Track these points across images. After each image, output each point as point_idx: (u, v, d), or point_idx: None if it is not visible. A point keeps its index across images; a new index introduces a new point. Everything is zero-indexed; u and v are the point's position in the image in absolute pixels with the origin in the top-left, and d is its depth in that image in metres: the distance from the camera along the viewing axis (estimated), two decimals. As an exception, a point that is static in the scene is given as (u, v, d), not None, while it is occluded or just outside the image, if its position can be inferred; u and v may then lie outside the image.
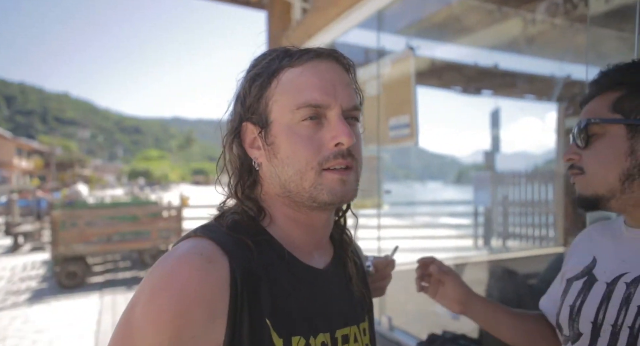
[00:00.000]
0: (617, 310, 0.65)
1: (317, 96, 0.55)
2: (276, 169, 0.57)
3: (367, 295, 0.70)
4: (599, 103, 0.71)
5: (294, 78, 0.57)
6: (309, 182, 0.56)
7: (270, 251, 0.57)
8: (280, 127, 0.57)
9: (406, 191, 7.76)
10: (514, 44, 3.36)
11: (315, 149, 0.55)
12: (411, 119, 2.01)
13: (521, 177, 4.33)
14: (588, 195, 0.71)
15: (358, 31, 2.45)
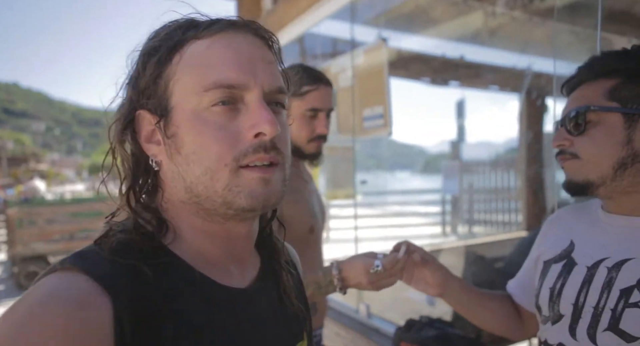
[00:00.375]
0: (598, 293, 0.68)
1: (230, 74, 0.44)
2: (179, 168, 0.46)
3: (304, 307, 0.60)
4: (592, 90, 0.70)
5: (201, 52, 0.45)
6: (221, 183, 0.44)
7: (175, 276, 0.45)
8: (184, 115, 0.45)
9: (376, 181, 7.91)
10: (479, 36, 3.46)
11: (230, 141, 0.44)
12: (385, 110, 2.04)
13: (485, 165, 4.52)
14: (579, 180, 0.71)
15: (330, 22, 2.44)
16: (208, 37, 0.46)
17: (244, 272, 0.52)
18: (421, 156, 26.25)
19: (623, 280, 0.65)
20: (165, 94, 0.46)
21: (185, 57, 0.46)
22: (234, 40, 0.46)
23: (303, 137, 1.16)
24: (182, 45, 0.46)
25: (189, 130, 0.45)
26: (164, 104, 0.46)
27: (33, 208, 5.89)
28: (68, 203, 6.72)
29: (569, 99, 0.75)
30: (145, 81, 0.46)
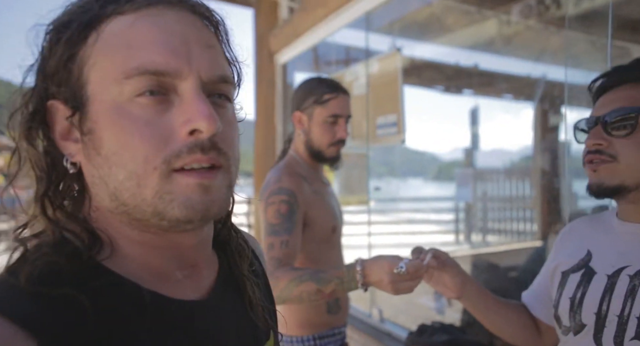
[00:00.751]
0: (622, 301, 0.67)
1: (158, 58, 0.36)
2: (100, 171, 0.37)
3: (270, 307, 0.53)
4: (637, 94, 0.69)
5: (123, 31, 0.37)
6: (150, 190, 0.36)
7: (119, 299, 0.36)
8: (102, 108, 0.37)
9: (389, 188, 7.88)
10: (492, 44, 3.48)
11: (159, 139, 0.36)
12: (398, 118, 2.07)
13: (499, 173, 4.49)
14: (613, 184, 0.69)
15: (345, 31, 2.49)
16: (132, 12, 0.37)
17: (199, 281, 0.44)
18: (434, 163, 26.07)
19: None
20: (79, 81, 0.37)
21: (103, 36, 0.37)
22: (164, 17, 0.38)
23: (325, 142, 1.23)
24: (100, 22, 0.37)
25: (109, 126, 0.36)
26: (79, 94, 0.37)
27: None
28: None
29: (604, 98, 0.73)
30: (54, 64, 0.38)
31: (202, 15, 0.40)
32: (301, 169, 1.24)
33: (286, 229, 1.08)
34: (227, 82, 0.40)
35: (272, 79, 3.04)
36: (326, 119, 1.22)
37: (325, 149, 1.24)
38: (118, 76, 0.36)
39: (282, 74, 3.05)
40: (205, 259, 0.46)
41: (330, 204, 1.27)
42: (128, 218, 0.38)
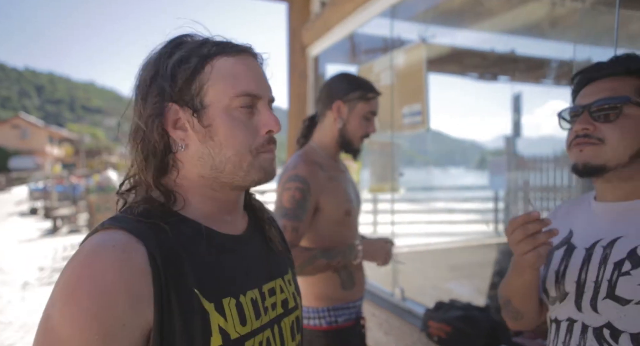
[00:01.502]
0: (597, 268, 0.77)
1: (253, 86, 0.60)
2: (212, 150, 0.59)
3: (287, 251, 0.77)
4: (624, 84, 0.75)
5: (230, 67, 0.59)
6: (247, 162, 0.60)
7: (187, 229, 0.58)
8: (218, 111, 0.59)
9: (425, 177, 7.81)
10: (531, 28, 3.38)
11: (251, 134, 0.60)
12: (423, 107, 2.14)
13: (543, 162, 4.35)
14: (596, 163, 0.76)
15: (375, 21, 2.56)
16: (233, 55, 0.60)
17: (237, 224, 0.67)
18: (476, 152, 24.92)
19: (616, 255, 0.75)
20: (200, 94, 0.59)
21: (217, 67, 0.59)
22: (249, 61, 0.62)
23: (359, 134, 1.37)
24: (212, 58, 0.59)
25: (223, 122, 0.59)
26: (199, 102, 0.59)
27: (109, 194, 6.61)
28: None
29: (589, 89, 0.80)
30: (180, 82, 0.58)
31: (259, 58, 0.66)
32: (318, 157, 1.35)
33: (298, 216, 1.23)
34: (273, 101, 0.66)
35: (305, 71, 3.17)
36: (366, 114, 1.36)
37: (356, 141, 1.38)
38: (230, 94, 0.59)
39: (314, 66, 3.17)
40: (240, 211, 0.70)
41: (345, 190, 1.38)
42: (212, 182, 0.62)
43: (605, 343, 0.75)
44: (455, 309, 1.64)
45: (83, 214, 9.93)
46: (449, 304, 1.71)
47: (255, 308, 0.61)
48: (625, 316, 0.72)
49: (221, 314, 0.56)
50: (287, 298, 0.69)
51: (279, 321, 0.65)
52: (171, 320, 0.51)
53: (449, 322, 1.56)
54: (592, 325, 0.77)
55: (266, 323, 0.62)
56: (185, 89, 0.59)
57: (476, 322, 1.53)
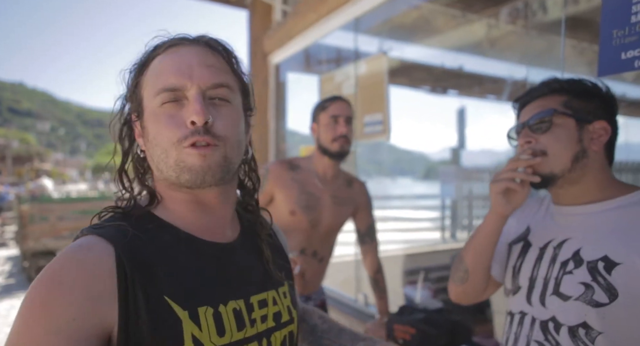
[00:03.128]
0: (547, 267, 0.86)
1: (171, 79, 0.57)
2: (150, 151, 0.59)
3: (286, 266, 0.73)
4: (551, 101, 0.87)
5: (156, 64, 0.59)
6: (172, 159, 0.57)
7: (164, 235, 0.58)
8: (148, 112, 0.59)
9: (377, 186, 8.04)
10: (478, 47, 3.63)
11: (175, 127, 0.56)
12: (384, 117, 2.22)
13: (485, 172, 4.67)
14: (545, 173, 0.84)
15: (336, 33, 2.63)
16: (162, 52, 0.59)
17: (223, 232, 0.63)
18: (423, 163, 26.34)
19: (563, 255, 0.83)
20: (139, 98, 0.60)
21: (149, 69, 0.59)
22: (178, 52, 0.58)
23: (329, 138, 1.51)
24: (150, 61, 0.60)
25: (151, 122, 0.58)
26: (139, 106, 0.60)
27: (44, 204, 6.07)
28: (76, 201, 6.91)
29: (526, 109, 0.92)
30: (130, 91, 0.61)
31: (211, 46, 0.61)
32: (301, 162, 1.58)
33: None
34: (222, 87, 0.59)
35: (266, 78, 3.17)
36: (328, 120, 1.50)
37: (329, 145, 1.50)
38: (152, 93, 0.58)
39: (275, 73, 3.17)
40: (230, 218, 0.66)
41: (300, 194, 1.52)
42: (168, 182, 0.60)
43: (549, 335, 0.82)
44: (417, 312, 1.69)
45: (10, 226, 9.03)
46: (411, 308, 1.77)
47: (238, 319, 0.58)
48: (565, 310, 0.80)
49: (195, 323, 0.53)
50: (281, 311, 0.66)
51: (269, 334, 0.62)
52: (138, 324, 0.50)
53: (413, 325, 1.60)
54: (539, 318, 0.84)
55: (252, 335, 0.60)
56: (133, 97, 0.61)
57: (438, 323, 1.59)
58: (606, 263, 0.76)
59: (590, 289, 0.77)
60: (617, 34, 1.03)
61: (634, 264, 0.73)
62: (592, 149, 0.84)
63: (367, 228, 1.69)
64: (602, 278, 0.76)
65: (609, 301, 0.74)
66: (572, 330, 0.78)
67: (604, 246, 0.78)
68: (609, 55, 1.05)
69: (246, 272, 0.63)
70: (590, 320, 0.76)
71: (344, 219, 1.63)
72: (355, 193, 1.65)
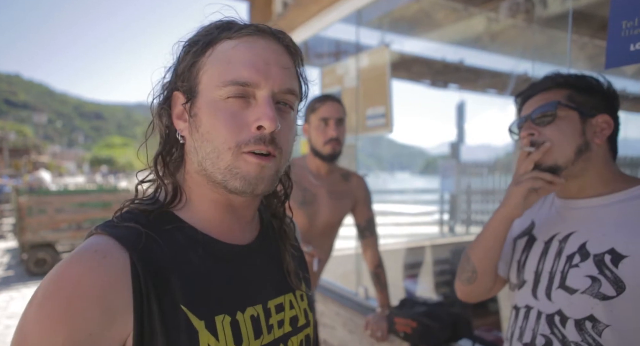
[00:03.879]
0: (552, 260, 0.85)
1: (245, 74, 0.51)
2: (196, 143, 0.54)
3: (303, 270, 0.69)
4: (554, 94, 0.87)
5: (227, 50, 0.53)
6: (224, 162, 0.52)
7: (182, 238, 0.54)
8: (205, 100, 0.53)
9: (376, 180, 8.03)
10: (479, 40, 3.61)
11: (236, 128, 0.51)
12: (386, 110, 2.21)
13: (483, 167, 4.67)
14: (549, 164, 0.84)
15: (337, 25, 2.60)
16: (237, 38, 0.53)
17: (244, 233, 0.60)
18: (421, 157, 26.33)
19: (568, 249, 0.83)
20: (196, 80, 0.53)
21: (215, 52, 0.53)
22: (256, 44, 0.53)
23: (320, 141, 1.50)
24: (216, 42, 0.53)
25: (207, 113, 0.52)
26: (194, 89, 0.53)
27: (42, 197, 6.06)
28: (74, 193, 6.89)
29: (528, 103, 0.91)
30: (182, 66, 0.54)
31: (286, 44, 0.56)
32: (296, 161, 1.57)
33: None
34: (292, 94, 0.55)
35: (266, 70, 3.13)
36: (318, 122, 1.49)
37: (321, 148, 1.49)
38: (218, 82, 0.52)
39: (276, 66, 3.13)
40: (252, 220, 0.62)
41: (300, 192, 1.52)
42: (206, 180, 0.55)
43: (555, 328, 0.82)
44: (419, 305, 1.70)
45: (8, 218, 9.00)
46: (412, 301, 1.77)
47: (255, 326, 0.56)
48: (572, 304, 0.79)
49: (212, 333, 0.51)
50: (298, 314, 0.63)
51: (286, 340, 0.60)
52: (153, 336, 0.48)
53: (414, 318, 1.61)
54: (545, 312, 0.84)
55: (269, 342, 0.57)
56: (187, 75, 0.54)
57: (439, 316, 1.60)
58: (613, 255, 0.76)
59: (597, 282, 0.76)
60: (626, 25, 1.02)
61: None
62: (595, 142, 0.84)
63: (367, 222, 1.69)
64: (609, 271, 0.76)
65: (616, 294, 0.74)
66: (579, 323, 0.78)
67: (610, 239, 0.77)
68: (617, 47, 1.04)
69: (264, 275, 0.60)
70: (598, 313, 0.76)
71: (342, 214, 1.62)
72: (353, 187, 1.65)
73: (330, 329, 2.28)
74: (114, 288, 0.47)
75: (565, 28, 1.39)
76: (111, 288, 0.47)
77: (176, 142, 0.57)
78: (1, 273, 5.71)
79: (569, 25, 1.34)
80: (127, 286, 0.47)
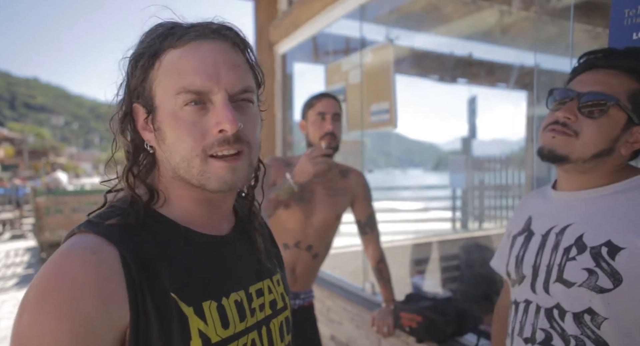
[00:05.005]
0: (550, 254, 0.83)
1: (197, 81, 0.52)
2: (165, 154, 0.56)
3: (277, 253, 0.74)
4: (619, 83, 0.76)
5: (175, 60, 0.53)
6: (196, 169, 0.54)
7: (164, 231, 0.56)
8: (165, 113, 0.54)
9: (385, 177, 8.01)
10: (489, 34, 3.55)
11: (199, 135, 0.53)
12: (390, 105, 2.20)
13: (496, 162, 4.61)
14: (561, 153, 0.79)
15: (342, 21, 2.60)
16: (181, 46, 0.53)
17: (222, 224, 0.63)
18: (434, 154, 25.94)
19: (566, 241, 0.81)
20: (150, 93, 0.55)
21: (163, 63, 0.53)
22: (201, 49, 0.53)
23: (317, 135, 1.52)
24: (161, 53, 0.54)
25: (169, 125, 0.54)
26: (150, 102, 0.55)
27: (59, 197, 6.21)
28: (89, 193, 7.04)
29: (590, 75, 0.80)
30: (134, 82, 0.55)
31: (231, 40, 0.56)
32: (294, 160, 1.59)
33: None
34: (247, 91, 0.56)
35: (272, 68, 3.15)
36: (315, 117, 1.52)
37: (317, 142, 1.51)
38: (172, 92, 0.53)
39: (282, 64, 3.16)
40: (226, 213, 0.66)
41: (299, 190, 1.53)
42: (183, 182, 0.58)
43: (555, 322, 0.81)
44: (425, 300, 1.69)
45: (28, 218, 9.26)
46: (418, 295, 1.77)
47: (240, 310, 0.59)
48: (569, 297, 0.78)
49: (201, 318, 0.54)
50: (276, 298, 0.67)
51: (267, 322, 0.64)
52: (147, 323, 0.50)
53: (419, 312, 1.61)
54: (544, 306, 0.83)
55: (252, 324, 0.60)
56: (140, 90, 0.55)
57: (445, 311, 1.59)
58: (610, 248, 0.74)
59: (594, 275, 0.75)
60: (629, 13, 1.00)
61: (638, 248, 0.72)
62: (621, 152, 0.78)
63: (367, 218, 1.69)
64: (605, 264, 0.74)
65: (613, 286, 0.73)
66: (578, 316, 0.77)
67: (607, 231, 0.76)
68: (620, 36, 1.02)
69: (243, 262, 0.63)
70: (596, 306, 0.75)
71: (339, 211, 1.63)
72: (352, 184, 1.65)
73: (337, 324, 2.29)
74: (109, 281, 0.48)
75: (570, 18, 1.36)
76: (106, 281, 0.48)
77: (144, 151, 0.58)
78: (22, 271, 5.88)
79: (570, 14, 1.31)
80: (121, 278, 0.49)
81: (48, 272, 0.48)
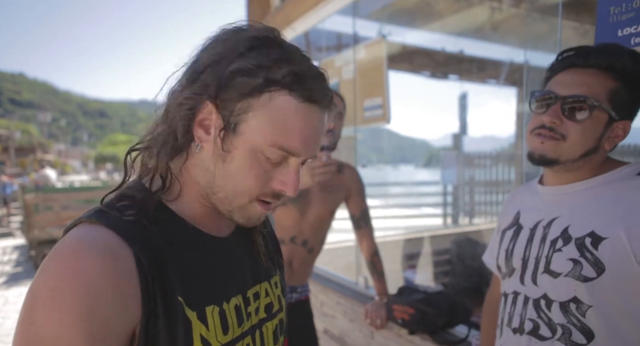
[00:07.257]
0: (538, 246, 0.86)
1: (297, 146, 0.53)
2: (216, 169, 0.54)
3: (276, 254, 0.74)
4: (600, 83, 0.77)
5: (288, 112, 0.52)
6: (237, 204, 0.56)
7: (172, 226, 0.55)
8: (246, 145, 0.53)
9: (377, 173, 8.03)
10: (480, 31, 3.58)
11: (263, 182, 0.55)
12: (384, 101, 2.22)
13: (487, 158, 4.67)
14: (551, 157, 0.81)
15: (334, 17, 2.60)
16: (300, 100, 0.52)
17: (223, 226, 0.63)
18: (425, 150, 25.93)
19: (552, 234, 0.84)
20: (240, 117, 0.52)
21: (274, 104, 0.51)
22: (312, 115, 0.53)
23: None
24: (275, 88, 0.51)
25: (243, 158, 0.53)
26: (234, 123, 0.52)
27: (48, 194, 6.13)
28: (79, 190, 6.97)
29: (569, 75, 0.81)
30: (228, 93, 0.51)
31: (329, 110, 0.58)
32: None
33: None
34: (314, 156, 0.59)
35: (265, 64, 3.13)
36: None
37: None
38: (268, 140, 0.52)
39: (275, 59, 3.13)
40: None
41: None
42: (205, 194, 0.57)
43: (542, 312, 0.83)
44: (417, 293, 1.72)
45: (16, 216, 9.13)
46: (410, 288, 1.80)
47: (238, 315, 0.59)
48: (556, 287, 0.81)
49: (203, 323, 0.54)
50: (272, 301, 0.67)
51: (261, 326, 0.64)
52: (156, 323, 0.50)
53: (412, 305, 1.63)
54: (532, 297, 0.86)
55: (247, 329, 0.60)
56: (230, 102, 0.52)
57: (436, 303, 1.62)
58: (593, 238, 0.77)
59: (579, 264, 0.78)
60: (614, 11, 1.03)
61: (619, 237, 0.74)
62: (605, 148, 0.81)
63: (361, 213, 1.71)
64: (589, 253, 0.77)
65: (597, 275, 0.76)
66: (564, 305, 0.80)
67: (591, 222, 0.78)
68: (605, 33, 1.04)
69: (243, 265, 0.63)
70: (580, 295, 0.78)
71: (334, 206, 1.64)
72: (346, 179, 1.66)
73: (331, 318, 2.31)
74: (126, 282, 0.48)
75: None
76: (123, 282, 0.48)
77: (176, 140, 0.55)
78: (11, 270, 5.81)
79: (559, 11, 1.34)
80: (135, 279, 0.48)
81: (61, 269, 0.46)
